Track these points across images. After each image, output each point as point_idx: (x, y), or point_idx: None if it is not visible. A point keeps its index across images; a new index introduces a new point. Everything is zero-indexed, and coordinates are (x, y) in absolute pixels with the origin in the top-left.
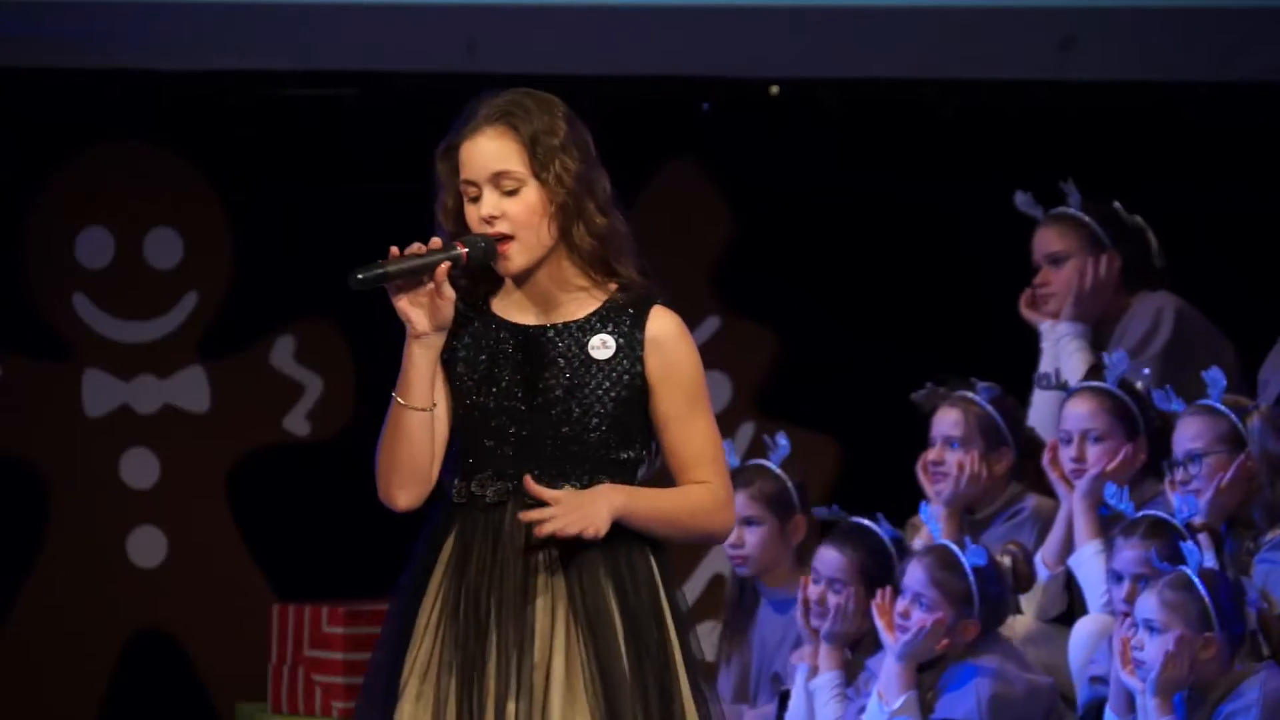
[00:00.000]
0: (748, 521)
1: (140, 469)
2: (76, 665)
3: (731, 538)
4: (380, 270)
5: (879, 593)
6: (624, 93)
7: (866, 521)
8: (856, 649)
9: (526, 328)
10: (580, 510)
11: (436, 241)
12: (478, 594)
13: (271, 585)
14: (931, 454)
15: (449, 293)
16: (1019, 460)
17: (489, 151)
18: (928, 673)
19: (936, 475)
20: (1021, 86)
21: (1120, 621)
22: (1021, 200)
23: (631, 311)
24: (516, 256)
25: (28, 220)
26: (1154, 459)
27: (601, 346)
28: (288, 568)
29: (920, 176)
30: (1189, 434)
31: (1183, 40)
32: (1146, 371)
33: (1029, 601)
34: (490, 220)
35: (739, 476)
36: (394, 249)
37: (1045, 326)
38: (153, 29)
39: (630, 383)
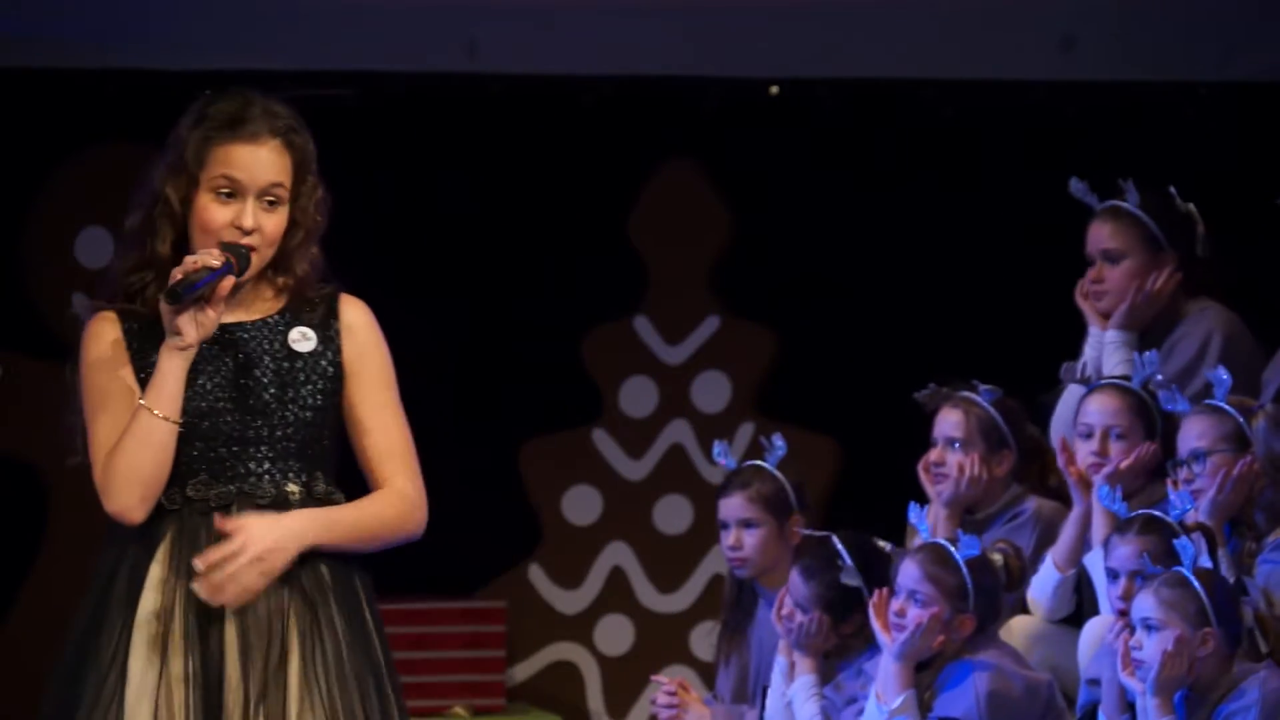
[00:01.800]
0: (746, 524)
1: None
2: None
3: (730, 539)
4: (198, 290)
5: (875, 593)
6: (624, 93)
7: (839, 546)
8: (834, 656)
9: (223, 325)
10: (258, 562)
11: (216, 255)
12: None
13: None
14: (933, 454)
15: (221, 307)
16: (1020, 463)
17: (269, 163)
18: (924, 672)
19: (937, 476)
20: (1021, 86)
21: (1116, 620)
22: (1076, 188)
23: (322, 303)
24: (254, 269)
25: (28, 220)
26: (1162, 462)
27: (302, 339)
28: None
29: (920, 176)
30: (1194, 433)
31: (1183, 40)
32: (1160, 378)
33: (1038, 603)
34: (252, 232)
35: (736, 478)
36: (194, 260)
37: (1094, 331)
38: (153, 29)
39: (334, 374)
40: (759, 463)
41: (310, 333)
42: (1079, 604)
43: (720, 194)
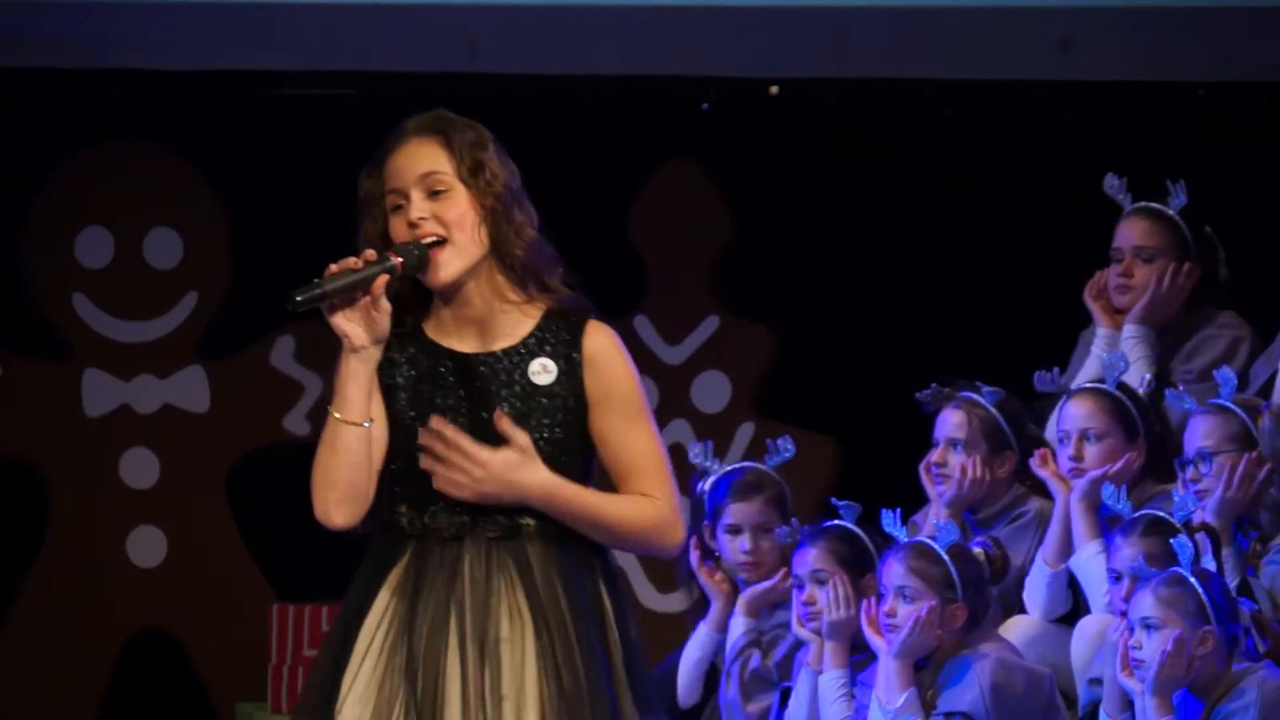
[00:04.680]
0: (761, 530)
1: (140, 469)
2: (76, 665)
3: (747, 544)
4: (319, 290)
5: (864, 604)
6: (624, 93)
7: (834, 522)
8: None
9: (465, 355)
10: (487, 481)
11: (370, 254)
12: (432, 630)
13: (271, 585)
14: (934, 455)
15: (386, 305)
16: (1022, 464)
17: (416, 155)
18: (925, 672)
19: (939, 477)
20: (1021, 86)
21: (1120, 620)
22: (1111, 184)
23: (566, 331)
24: (451, 261)
25: (28, 220)
26: (1152, 462)
27: (543, 372)
28: (288, 568)
29: (920, 176)
30: (1200, 432)
31: (1183, 40)
32: (1147, 377)
33: (1033, 601)
34: (419, 222)
35: (741, 482)
36: (332, 266)
37: (1102, 332)
38: (153, 29)
39: (574, 405)
40: (758, 464)
41: (551, 364)
42: (1075, 602)
43: (720, 193)
